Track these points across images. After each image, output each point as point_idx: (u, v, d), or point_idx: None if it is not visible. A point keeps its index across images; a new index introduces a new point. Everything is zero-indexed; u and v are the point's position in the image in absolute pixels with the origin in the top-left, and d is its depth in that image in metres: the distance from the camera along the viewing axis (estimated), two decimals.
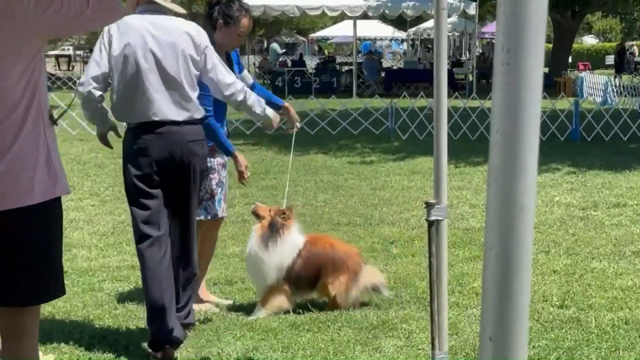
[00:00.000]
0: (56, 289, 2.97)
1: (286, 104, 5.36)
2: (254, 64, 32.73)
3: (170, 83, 4.24)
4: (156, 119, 4.22)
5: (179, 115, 4.26)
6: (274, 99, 5.34)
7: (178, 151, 4.26)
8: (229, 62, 4.94)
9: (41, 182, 2.80)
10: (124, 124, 4.47)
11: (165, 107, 4.23)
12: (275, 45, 37.36)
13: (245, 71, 5.46)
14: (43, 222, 2.85)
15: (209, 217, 5.01)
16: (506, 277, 1.27)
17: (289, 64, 29.75)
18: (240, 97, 4.44)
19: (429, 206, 3.28)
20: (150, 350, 4.30)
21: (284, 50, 40.77)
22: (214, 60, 4.38)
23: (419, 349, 4.36)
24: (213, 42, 4.60)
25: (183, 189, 4.37)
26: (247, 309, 5.10)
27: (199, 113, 4.37)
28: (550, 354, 4.26)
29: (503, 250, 1.27)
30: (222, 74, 4.39)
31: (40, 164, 2.81)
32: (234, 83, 4.43)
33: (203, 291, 5.19)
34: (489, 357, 1.30)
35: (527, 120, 1.26)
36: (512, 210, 1.26)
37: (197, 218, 4.66)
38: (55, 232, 2.95)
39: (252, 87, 5.18)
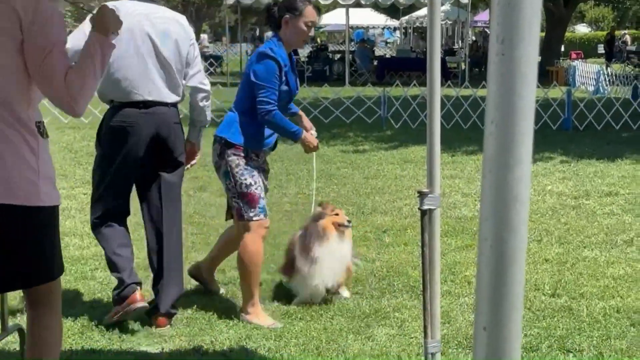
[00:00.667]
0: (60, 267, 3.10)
1: (300, 112, 5.38)
2: (247, 52, 32.58)
3: (165, 67, 4.43)
4: (150, 98, 4.38)
5: (170, 97, 4.46)
6: (291, 104, 5.37)
7: (165, 131, 4.46)
8: (291, 62, 4.82)
9: (26, 184, 2.83)
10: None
11: (160, 88, 4.41)
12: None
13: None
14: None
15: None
16: (501, 267, 1.27)
17: None
18: (209, 89, 4.68)
19: (421, 195, 3.27)
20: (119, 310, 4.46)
21: None
22: (198, 53, 4.68)
23: (412, 338, 4.37)
24: (279, 40, 4.66)
25: (168, 168, 4.55)
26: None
27: (179, 98, 4.57)
28: (542, 343, 4.28)
29: (498, 241, 1.27)
30: (201, 66, 4.69)
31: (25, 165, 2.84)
32: (206, 79, 4.72)
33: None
34: (483, 347, 1.30)
35: (522, 111, 1.26)
36: (507, 200, 1.26)
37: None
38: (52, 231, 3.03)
39: None
